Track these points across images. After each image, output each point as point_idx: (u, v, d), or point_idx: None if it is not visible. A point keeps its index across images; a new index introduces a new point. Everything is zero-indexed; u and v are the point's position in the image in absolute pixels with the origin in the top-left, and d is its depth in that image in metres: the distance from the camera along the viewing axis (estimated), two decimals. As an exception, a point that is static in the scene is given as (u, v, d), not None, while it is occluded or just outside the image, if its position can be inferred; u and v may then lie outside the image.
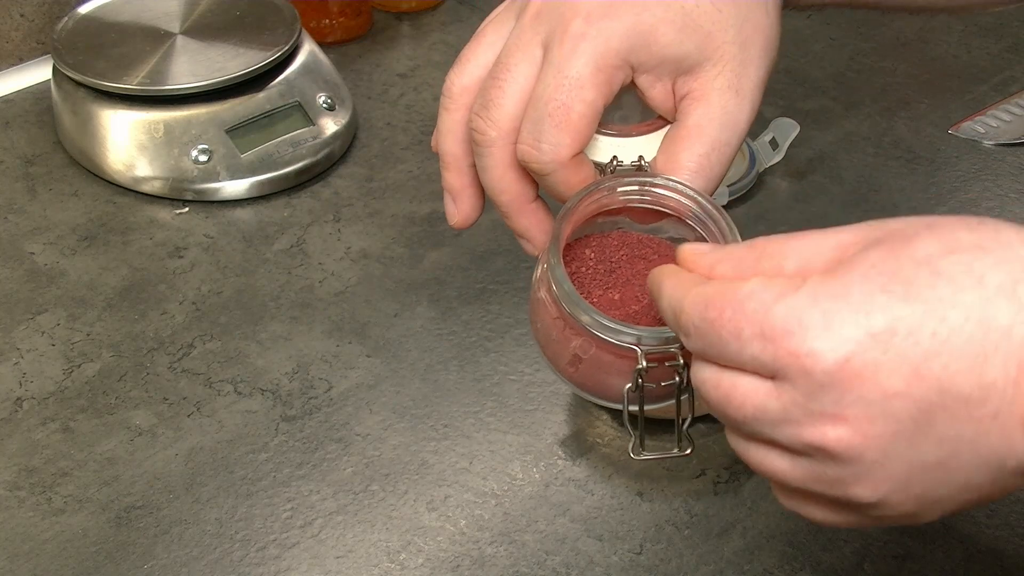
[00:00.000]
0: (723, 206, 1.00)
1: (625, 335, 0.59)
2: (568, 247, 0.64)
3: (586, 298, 0.61)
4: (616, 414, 0.82)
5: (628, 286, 0.63)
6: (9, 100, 1.11)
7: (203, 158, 1.00)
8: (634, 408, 0.62)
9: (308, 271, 0.94)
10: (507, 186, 0.63)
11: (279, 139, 1.02)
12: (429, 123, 1.09)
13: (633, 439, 0.63)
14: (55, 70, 1.05)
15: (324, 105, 1.04)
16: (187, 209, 1.00)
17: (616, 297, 0.63)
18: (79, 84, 1.02)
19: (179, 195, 1.00)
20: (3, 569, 0.72)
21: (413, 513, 0.76)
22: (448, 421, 0.82)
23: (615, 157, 0.64)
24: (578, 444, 0.81)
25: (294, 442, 0.80)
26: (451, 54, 1.19)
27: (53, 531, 0.75)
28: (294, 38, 1.05)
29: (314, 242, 0.97)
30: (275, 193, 1.01)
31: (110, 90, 1.01)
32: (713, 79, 0.60)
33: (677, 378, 0.60)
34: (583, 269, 0.64)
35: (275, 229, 0.98)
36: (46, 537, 0.74)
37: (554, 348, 0.63)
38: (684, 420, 0.62)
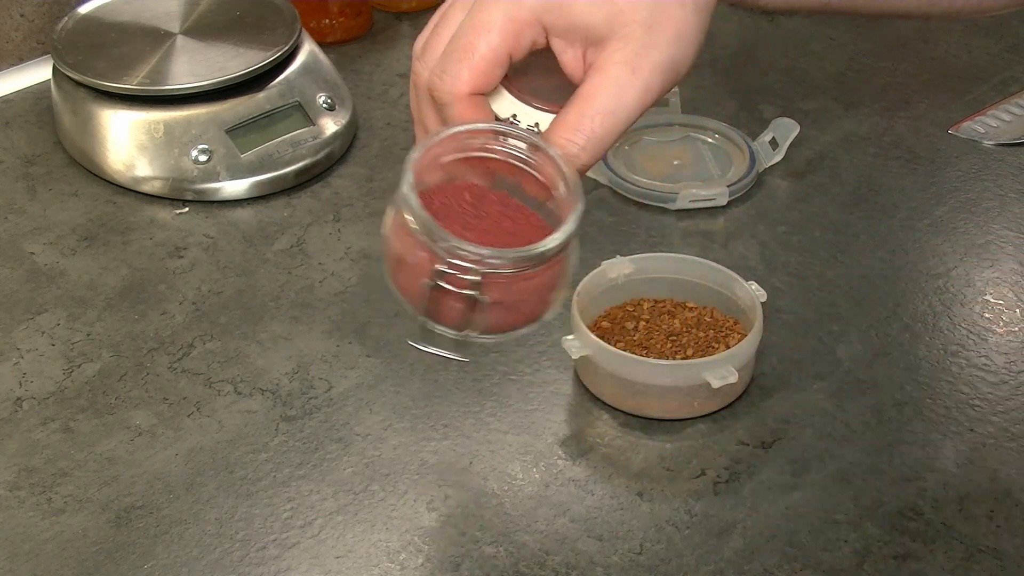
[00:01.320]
0: (723, 206, 1.01)
1: (440, 240, 0.64)
2: (444, 187, 0.69)
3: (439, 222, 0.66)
4: (616, 415, 0.82)
5: (480, 232, 0.67)
6: (9, 100, 1.11)
7: (203, 158, 1.00)
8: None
9: (308, 271, 0.94)
10: (430, 122, 0.67)
11: (279, 139, 1.02)
12: (429, 123, 1.09)
13: (419, 323, 0.67)
14: (55, 70, 1.05)
15: (324, 105, 1.04)
16: (187, 209, 1.00)
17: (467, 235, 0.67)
18: (79, 84, 1.02)
19: (179, 195, 1.00)
20: (3, 569, 0.72)
21: (413, 513, 0.76)
22: (448, 421, 0.82)
23: (515, 115, 0.68)
24: (578, 444, 0.81)
25: (294, 442, 0.80)
26: (451, 54, 1.19)
27: (53, 531, 0.75)
28: (294, 38, 1.05)
29: (314, 242, 0.97)
30: (275, 193, 1.01)
31: (110, 90, 1.01)
32: (613, 52, 0.64)
33: (472, 291, 0.65)
34: (449, 202, 0.68)
35: (275, 229, 0.98)
36: (46, 537, 0.74)
37: (388, 247, 0.68)
38: (469, 331, 0.66)
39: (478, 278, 0.66)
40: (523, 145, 0.69)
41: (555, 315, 0.72)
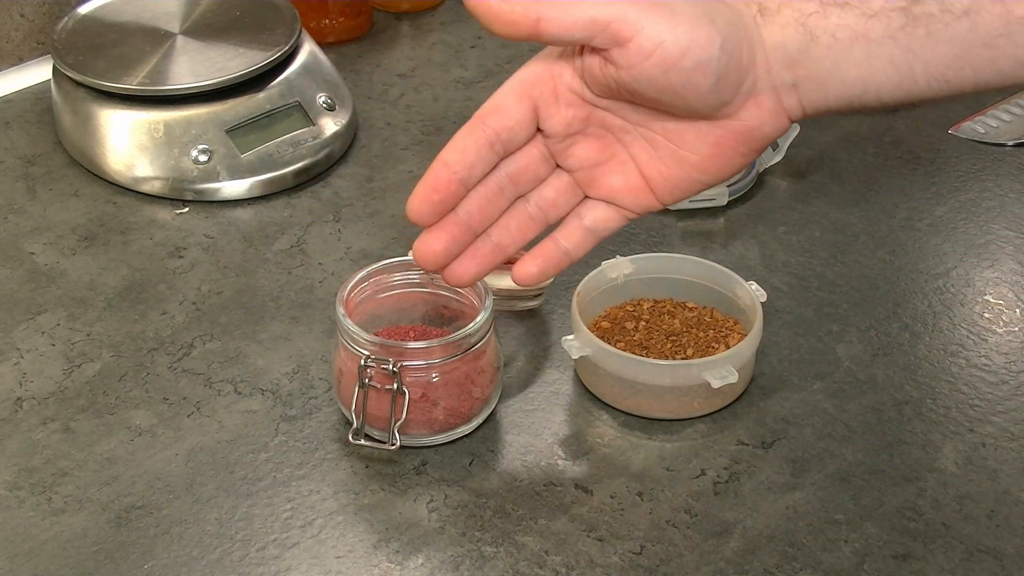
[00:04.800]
0: (723, 206, 1.01)
1: (361, 346, 0.77)
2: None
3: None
4: (616, 415, 0.82)
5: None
6: (9, 100, 1.11)
7: (203, 158, 1.00)
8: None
9: (308, 271, 0.94)
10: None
11: (279, 139, 1.02)
12: (429, 123, 1.09)
13: (354, 425, 0.78)
14: (55, 70, 1.05)
15: (324, 105, 1.04)
16: (187, 209, 1.00)
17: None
18: (79, 84, 1.02)
19: (179, 195, 1.00)
20: (3, 569, 0.72)
21: (413, 513, 0.76)
22: (448, 421, 0.82)
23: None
24: (578, 444, 0.81)
25: (294, 442, 0.80)
26: (451, 54, 1.19)
27: (53, 531, 0.75)
28: (294, 38, 1.05)
29: (314, 242, 0.97)
30: (275, 193, 1.01)
31: (110, 90, 1.01)
32: None
33: (394, 384, 0.76)
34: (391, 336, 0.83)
35: (275, 229, 0.98)
36: (46, 537, 0.74)
37: (332, 369, 0.82)
38: (397, 420, 0.77)
39: (396, 370, 0.76)
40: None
41: (483, 417, 0.81)
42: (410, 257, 0.84)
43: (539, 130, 0.67)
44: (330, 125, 1.04)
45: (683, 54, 0.61)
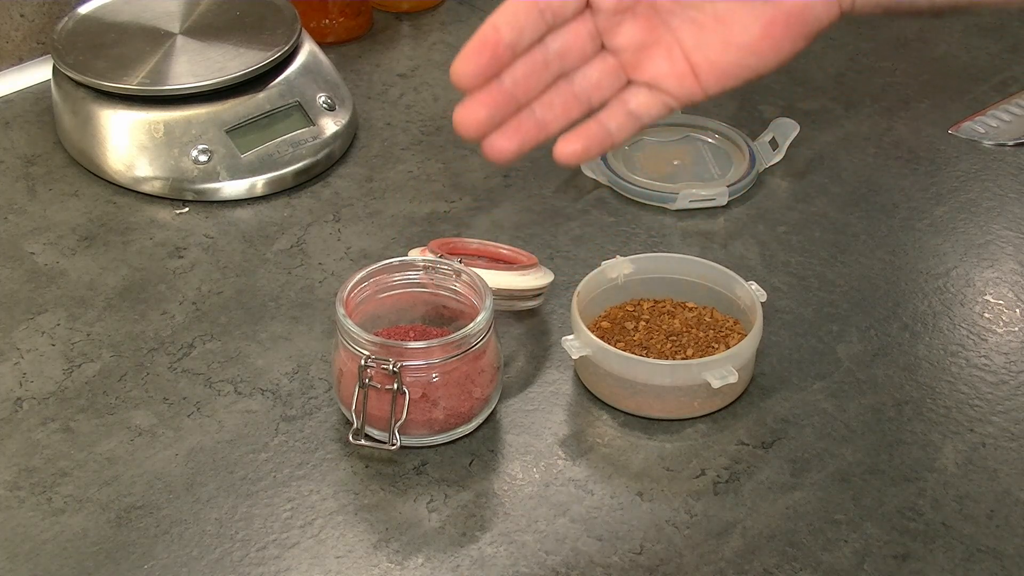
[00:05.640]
0: (723, 206, 1.01)
1: (362, 346, 0.78)
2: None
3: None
4: (616, 415, 0.82)
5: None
6: (9, 100, 1.11)
7: (203, 158, 1.00)
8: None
9: (308, 271, 0.94)
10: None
11: (279, 139, 1.02)
12: (429, 123, 1.09)
13: (355, 425, 0.78)
14: (55, 70, 1.05)
15: (324, 105, 1.04)
16: (187, 209, 1.00)
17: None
18: (79, 84, 1.02)
19: (179, 195, 1.00)
20: (3, 569, 0.72)
21: (413, 513, 0.76)
22: (448, 421, 0.82)
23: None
24: (578, 444, 0.81)
25: (294, 442, 0.80)
26: (451, 54, 1.18)
27: (53, 531, 0.75)
28: (294, 38, 1.05)
29: (314, 242, 0.97)
30: (275, 193, 1.01)
31: (110, 90, 1.01)
32: None
33: (394, 383, 0.76)
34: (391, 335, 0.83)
35: (275, 229, 0.98)
36: (46, 537, 0.74)
37: (332, 370, 0.82)
38: (397, 420, 0.77)
39: (396, 369, 0.76)
40: (446, 273, 0.82)
41: (483, 417, 0.81)
42: (410, 257, 0.84)
43: (588, 5, 0.65)
44: (330, 125, 1.04)
45: None
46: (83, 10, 1.08)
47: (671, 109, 0.68)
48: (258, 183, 1.01)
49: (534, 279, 0.86)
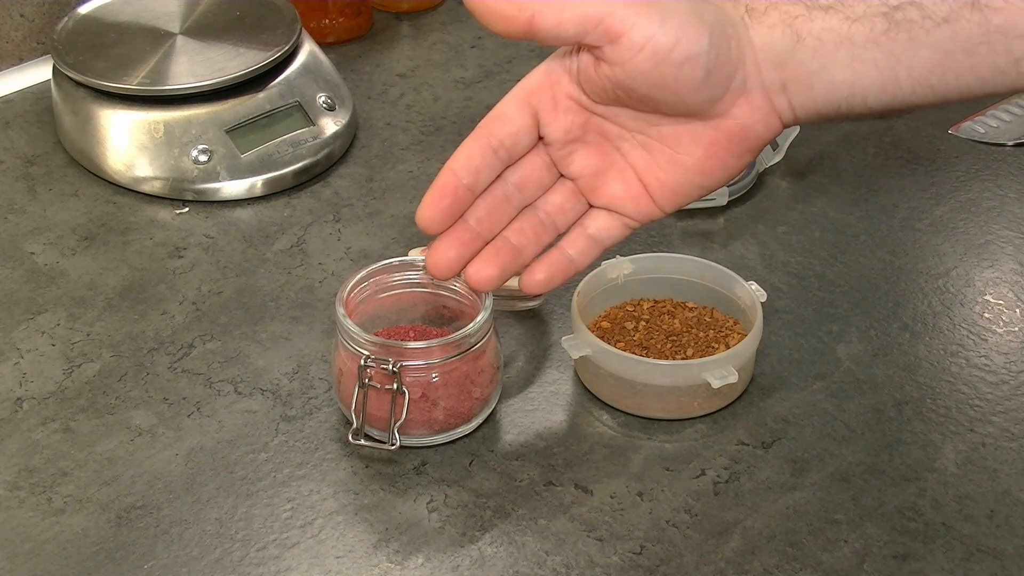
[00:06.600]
0: (723, 206, 1.01)
1: (361, 346, 0.77)
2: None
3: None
4: (616, 415, 0.82)
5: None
6: (9, 100, 1.11)
7: (203, 158, 1.00)
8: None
9: (308, 271, 0.94)
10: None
11: (279, 139, 1.02)
12: (429, 123, 1.09)
13: (354, 425, 0.78)
14: (55, 70, 1.05)
15: (324, 105, 1.04)
16: (187, 209, 1.00)
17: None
18: (79, 84, 1.02)
19: (179, 195, 1.00)
20: (3, 569, 0.72)
21: (413, 513, 0.76)
22: (448, 421, 0.82)
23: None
24: (578, 444, 0.81)
25: (294, 442, 0.80)
26: (451, 54, 1.19)
27: (53, 531, 0.75)
28: (294, 38, 1.05)
29: (314, 242, 0.97)
30: (275, 193, 1.01)
31: (110, 90, 1.01)
32: None
33: (394, 384, 0.76)
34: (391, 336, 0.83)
35: (275, 229, 0.98)
36: (46, 537, 0.74)
37: (332, 370, 0.81)
38: (397, 420, 0.77)
39: (396, 369, 0.76)
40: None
41: (483, 417, 0.81)
42: (410, 257, 0.84)
43: (541, 138, 0.69)
44: (330, 125, 1.04)
45: (673, 47, 0.62)
46: (83, 10, 1.08)
47: (631, 229, 0.72)
48: (258, 183, 1.01)
49: None
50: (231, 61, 1.03)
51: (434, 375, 0.77)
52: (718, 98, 0.65)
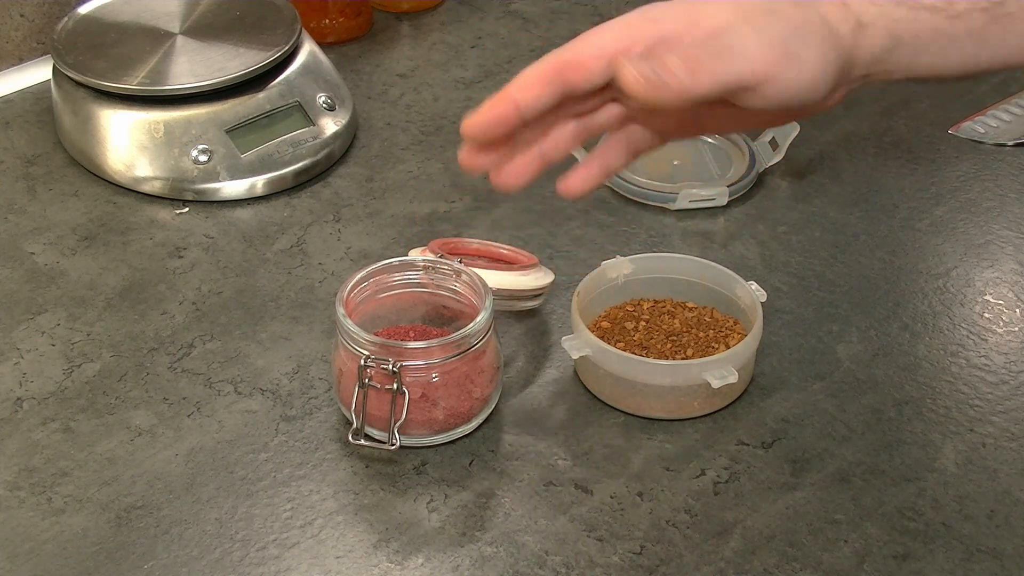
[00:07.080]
0: (723, 206, 1.01)
1: (362, 346, 0.77)
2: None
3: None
4: (616, 415, 0.82)
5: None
6: (9, 100, 1.11)
7: (203, 158, 1.00)
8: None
9: (308, 271, 0.94)
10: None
11: (279, 139, 1.02)
12: (429, 123, 1.09)
13: (354, 425, 0.78)
14: (55, 70, 1.05)
15: (324, 105, 1.04)
16: (187, 209, 1.00)
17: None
18: (79, 84, 1.02)
19: (179, 195, 1.00)
20: (3, 569, 0.72)
21: (413, 513, 0.76)
22: (448, 421, 0.82)
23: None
24: (578, 444, 0.81)
25: (294, 442, 0.80)
26: (451, 54, 1.19)
27: (53, 531, 0.75)
28: (294, 38, 1.05)
29: (314, 242, 0.97)
30: (275, 193, 1.01)
31: (110, 90, 1.01)
32: None
33: (394, 384, 0.76)
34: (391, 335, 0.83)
35: (275, 229, 0.98)
36: (46, 537, 0.74)
37: (332, 370, 0.81)
38: (397, 420, 0.77)
39: (396, 369, 0.76)
40: (446, 273, 0.82)
41: (483, 417, 0.81)
42: (410, 257, 0.84)
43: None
44: (330, 125, 1.04)
45: (799, 94, 0.64)
46: (83, 10, 1.08)
47: (667, 142, 0.71)
48: (258, 183, 1.01)
49: (534, 279, 0.86)
50: (231, 61, 1.03)
51: (434, 375, 0.77)
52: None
